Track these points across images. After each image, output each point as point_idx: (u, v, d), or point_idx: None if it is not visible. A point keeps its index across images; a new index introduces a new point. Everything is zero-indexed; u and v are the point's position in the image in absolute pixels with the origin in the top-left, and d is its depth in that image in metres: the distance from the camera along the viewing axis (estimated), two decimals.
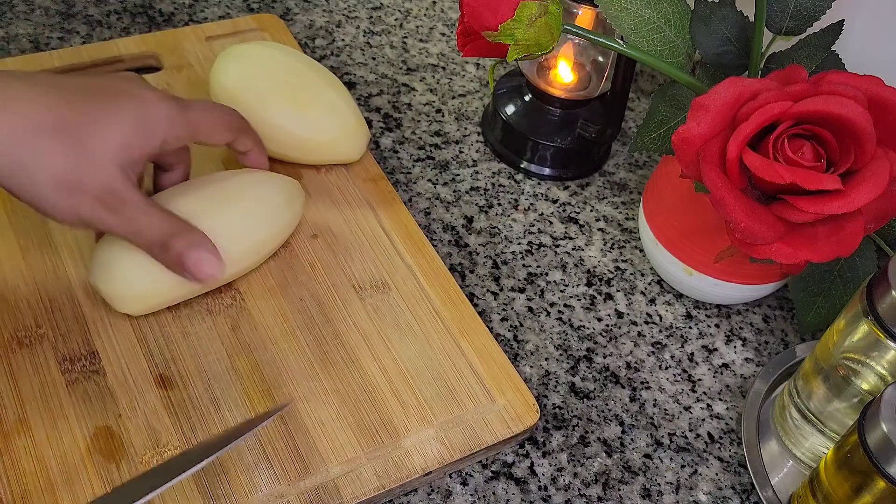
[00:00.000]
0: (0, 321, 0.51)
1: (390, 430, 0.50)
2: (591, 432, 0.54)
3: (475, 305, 0.59)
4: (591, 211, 0.67)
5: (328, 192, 0.62)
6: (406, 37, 0.79)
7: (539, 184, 0.69)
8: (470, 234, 0.64)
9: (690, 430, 0.55)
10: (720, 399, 0.57)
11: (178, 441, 0.48)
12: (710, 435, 0.55)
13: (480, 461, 0.51)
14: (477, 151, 0.70)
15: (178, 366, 0.51)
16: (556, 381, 0.56)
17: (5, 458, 0.46)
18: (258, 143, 0.57)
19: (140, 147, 0.48)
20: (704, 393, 0.57)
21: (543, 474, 0.52)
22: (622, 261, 0.64)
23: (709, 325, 0.61)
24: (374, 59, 0.76)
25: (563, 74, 0.68)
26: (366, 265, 0.58)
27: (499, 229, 0.65)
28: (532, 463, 0.52)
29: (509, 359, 0.55)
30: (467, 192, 0.67)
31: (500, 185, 0.68)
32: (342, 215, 0.61)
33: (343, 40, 0.78)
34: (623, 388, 0.56)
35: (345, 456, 0.48)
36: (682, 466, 0.53)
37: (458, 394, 0.52)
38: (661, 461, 0.53)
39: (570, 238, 0.65)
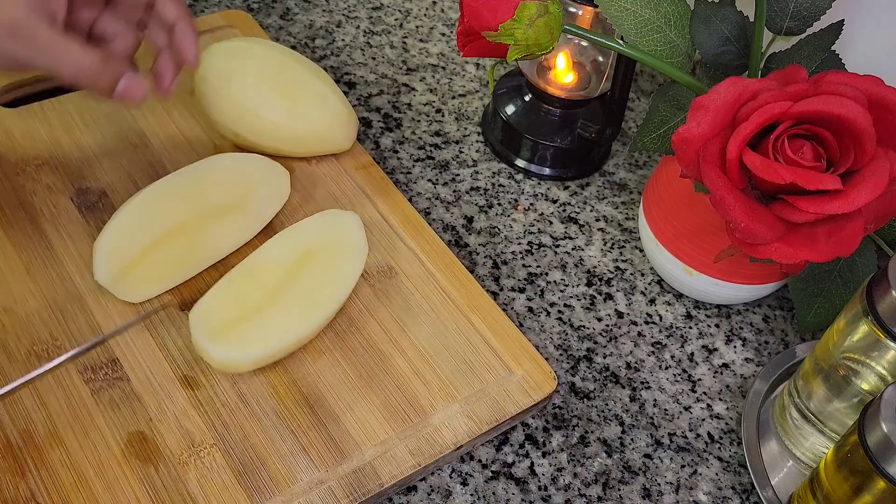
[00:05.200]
0: (15, 337, 0.51)
1: (417, 410, 0.51)
2: (591, 432, 0.54)
3: None
4: (591, 211, 0.67)
5: (323, 183, 0.62)
6: (406, 37, 0.79)
7: (539, 184, 0.69)
8: (470, 234, 0.64)
9: (690, 430, 0.55)
10: (720, 399, 0.57)
11: (213, 439, 0.48)
12: (710, 435, 0.55)
13: (481, 461, 0.52)
14: (477, 151, 0.70)
15: (201, 365, 0.51)
16: (557, 382, 0.56)
17: (43, 472, 0.46)
18: (186, 14, 0.52)
19: None
20: (704, 393, 0.57)
21: (543, 474, 0.52)
22: (622, 261, 0.64)
23: (709, 325, 0.61)
24: (374, 59, 0.76)
25: (563, 74, 0.68)
26: (370, 252, 0.58)
27: (499, 229, 0.65)
28: (532, 463, 0.52)
29: None
30: (467, 192, 0.67)
31: (500, 185, 0.68)
32: (339, 205, 0.61)
33: (343, 40, 0.78)
34: (623, 388, 0.56)
35: (377, 438, 0.49)
36: (682, 466, 0.53)
37: (477, 368, 0.53)
38: (661, 461, 0.53)
39: (570, 238, 0.65)
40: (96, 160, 0.61)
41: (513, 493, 0.50)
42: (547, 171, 0.69)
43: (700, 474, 0.53)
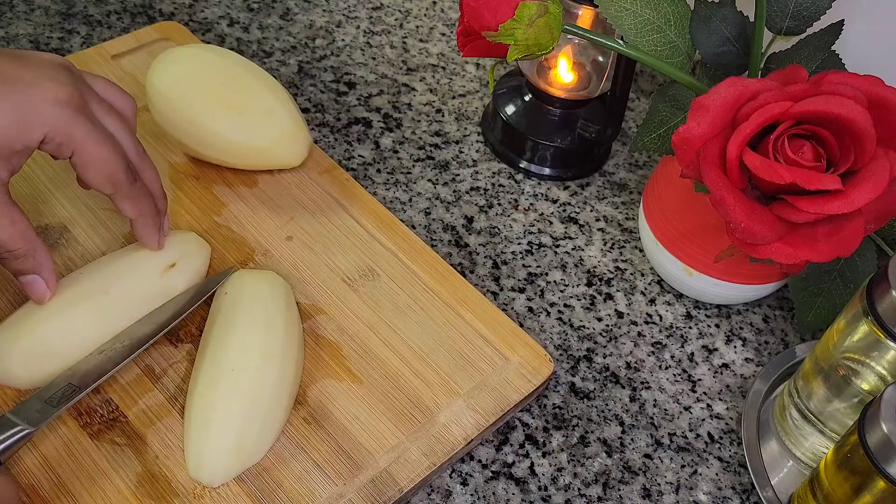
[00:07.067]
0: (0, 389, 0.49)
1: (423, 410, 0.51)
2: (591, 432, 0.54)
3: None
4: (591, 211, 0.67)
5: (288, 192, 0.61)
6: (406, 37, 0.79)
7: (539, 184, 0.69)
8: (470, 234, 0.64)
9: (690, 430, 0.55)
10: (720, 399, 0.57)
11: None
12: (710, 435, 0.55)
13: (481, 461, 0.52)
14: (477, 151, 0.70)
15: None
16: (556, 381, 0.56)
17: None
18: (151, 212, 0.50)
19: (11, 144, 0.43)
20: (704, 393, 0.57)
21: (543, 474, 0.52)
22: (622, 261, 0.64)
23: (709, 325, 0.61)
24: (374, 59, 0.76)
25: (563, 74, 0.68)
26: (348, 256, 0.58)
27: (499, 229, 0.65)
28: (532, 463, 0.52)
29: None
30: (467, 192, 0.67)
31: (500, 185, 0.68)
32: (309, 212, 0.60)
33: (343, 40, 0.78)
34: (623, 388, 0.56)
35: (388, 444, 0.49)
36: (682, 466, 0.53)
37: (474, 360, 0.53)
38: (661, 461, 0.53)
39: (570, 238, 0.65)
40: (50, 194, 0.58)
41: (513, 493, 0.50)
42: (547, 171, 0.69)
43: (700, 474, 0.53)
